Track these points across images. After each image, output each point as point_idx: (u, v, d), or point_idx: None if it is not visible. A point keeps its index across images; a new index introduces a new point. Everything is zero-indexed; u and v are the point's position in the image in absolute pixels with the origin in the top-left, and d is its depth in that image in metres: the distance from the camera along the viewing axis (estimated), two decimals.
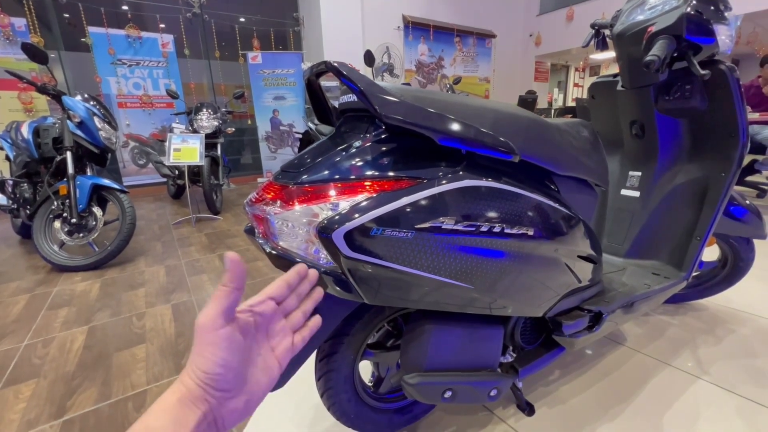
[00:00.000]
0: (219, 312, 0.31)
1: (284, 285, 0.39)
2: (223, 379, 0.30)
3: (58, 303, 1.79)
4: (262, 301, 0.37)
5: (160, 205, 4.16)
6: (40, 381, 1.23)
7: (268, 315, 0.37)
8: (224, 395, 0.31)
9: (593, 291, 0.94)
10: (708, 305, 1.56)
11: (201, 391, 0.29)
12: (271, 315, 0.37)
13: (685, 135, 1.18)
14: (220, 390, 0.30)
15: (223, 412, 0.31)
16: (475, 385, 0.77)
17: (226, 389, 0.31)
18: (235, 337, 0.32)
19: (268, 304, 0.37)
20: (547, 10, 7.44)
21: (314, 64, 0.68)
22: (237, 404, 0.31)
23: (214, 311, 0.31)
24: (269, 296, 0.38)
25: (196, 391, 0.29)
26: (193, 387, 0.30)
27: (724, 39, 0.98)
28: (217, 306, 0.31)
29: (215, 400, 0.30)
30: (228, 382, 0.31)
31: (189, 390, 0.29)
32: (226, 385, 0.31)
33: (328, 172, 0.60)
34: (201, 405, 0.29)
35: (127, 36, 4.45)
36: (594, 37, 1.30)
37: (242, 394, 0.32)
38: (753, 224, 1.25)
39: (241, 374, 0.32)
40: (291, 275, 0.40)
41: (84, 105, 2.30)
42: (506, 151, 0.63)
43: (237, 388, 0.31)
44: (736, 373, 1.15)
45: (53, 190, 2.18)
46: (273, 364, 0.36)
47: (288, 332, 0.39)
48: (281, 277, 0.40)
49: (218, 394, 0.30)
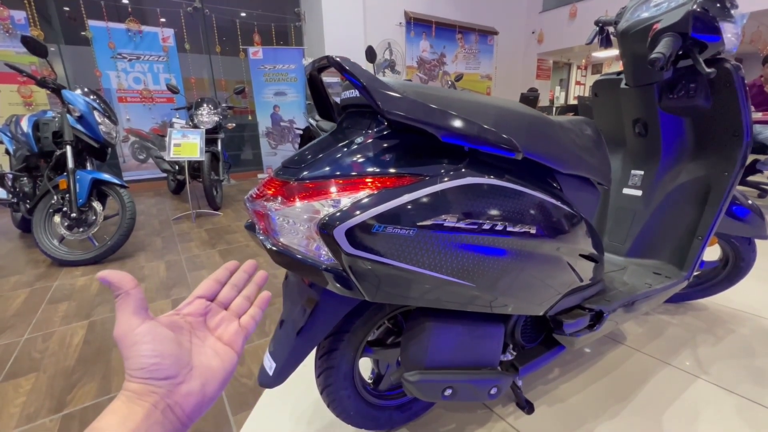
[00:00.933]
0: (128, 316, 0.32)
1: (212, 283, 0.41)
2: (161, 367, 0.31)
3: (58, 297, 1.79)
4: (190, 302, 0.39)
5: (160, 200, 4.15)
6: (39, 375, 1.23)
7: (201, 311, 0.38)
8: (170, 382, 0.31)
9: (594, 290, 0.94)
10: (708, 305, 1.56)
11: (144, 387, 0.30)
12: (204, 311, 0.39)
13: (689, 134, 1.18)
14: (162, 378, 0.30)
15: (177, 397, 0.31)
16: (476, 383, 0.77)
17: (170, 376, 0.31)
18: (158, 329, 0.32)
19: (197, 303, 0.39)
20: (550, 8, 7.39)
21: (316, 59, 0.67)
22: (191, 387, 0.32)
23: (123, 317, 0.32)
24: (197, 296, 0.39)
25: (138, 389, 0.30)
26: (135, 387, 0.30)
27: (730, 37, 0.97)
28: (123, 312, 0.32)
29: (162, 389, 0.30)
30: (167, 368, 0.31)
31: (132, 390, 0.30)
32: (167, 371, 0.31)
33: (329, 168, 0.59)
34: (147, 398, 0.29)
35: (127, 30, 4.43)
36: (598, 34, 1.29)
37: (193, 378, 0.32)
38: (755, 224, 1.24)
39: (182, 359, 0.32)
40: (219, 272, 0.42)
41: (84, 99, 2.29)
42: (509, 148, 0.62)
43: (182, 372, 0.32)
44: (736, 372, 1.15)
45: (53, 185, 2.18)
46: (223, 349, 0.37)
47: (232, 319, 0.40)
48: (210, 276, 0.41)
49: (163, 383, 0.30)
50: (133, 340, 0.31)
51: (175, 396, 0.31)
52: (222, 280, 0.42)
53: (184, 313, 0.37)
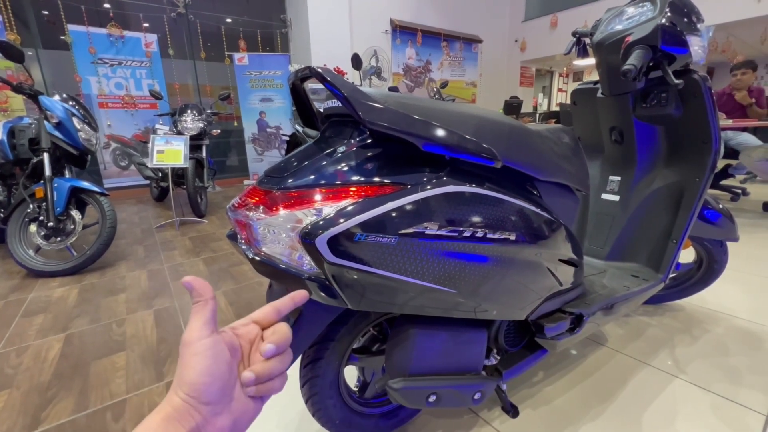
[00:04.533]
0: (201, 324, 0.32)
1: (272, 311, 0.38)
2: (209, 389, 0.30)
3: (34, 310, 1.73)
4: (245, 324, 0.37)
5: (142, 207, 4.06)
6: (12, 392, 1.18)
7: (252, 338, 0.36)
8: (210, 409, 0.30)
9: (575, 293, 0.96)
10: (685, 306, 1.61)
11: (186, 407, 0.29)
12: (255, 338, 0.36)
13: (662, 141, 1.22)
14: (205, 403, 0.30)
15: (210, 429, 0.30)
16: (459, 388, 0.78)
17: (212, 402, 0.30)
18: (219, 346, 0.32)
19: (252, 328, 0.36)
20: (532, 17, 7.60)
21: (298, 68, 0.68)
22: (223, 422, 0.31)
23: (196, 324, 0.32)
24: (253, 320, 0.37)
25: (181, 407, 0.29)
26: (178, 403, 0.29)
27: (696, 49, 1.02)
28: (198, 319, 0.32)
29: (201, 415, 0.30)
30: (213, 393, 0.30)
31: (174, 408, 0.29)
32: (212, 396, 0.30)
33: (312, 177, 0.60)
34: (186, 422, 0.29)
35: (108, 35, 4.35)
36: (575, 45, 1.34)
37: (229, 413, 0.32)
38: (726, 227, 1.29)
39: (227, 388, 0.32)
40: (285, 301, 0.38)
41: (62, 105, 2.23)
42: (489, 157, 0.64)
43: (223, 403, 0.31)
44: (711, 371, 1.19)
45: (29, 193, 2.11)
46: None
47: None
48: (271, 303, 0.38)
49: (204, 408, 0.30)
50: (196, 350, 0.31)
51: (209, 427, 0.30)
52: (283, 310, 0.38)
53: (239, 333, 0.35)
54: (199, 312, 0.32)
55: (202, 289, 0.33)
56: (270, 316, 0.38)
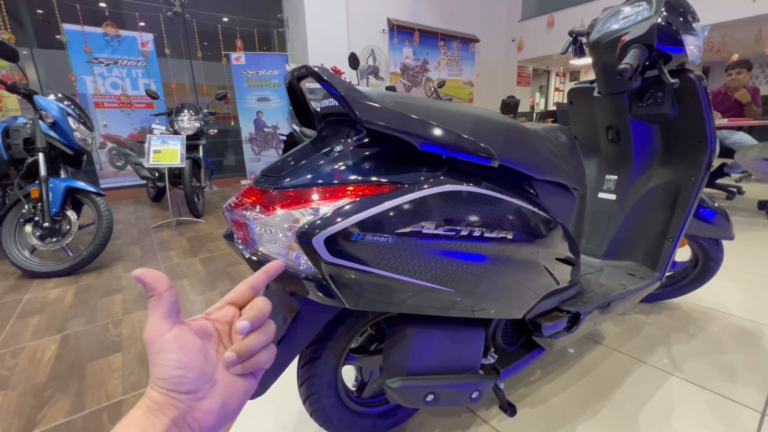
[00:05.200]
0: (159, 320, 0.31)
1: (246, 288, 0.37)
2: (184, 380, 0.30)
3: (29, 311, 1.72)
4: (220, 308, 0.36)
5: (139, 207, 4.04)
6: (8, 393, 1.17)
7: (230, 319, 0.36)
8: (192, 397, 0.30)
9: (572, 292, 0.96)
10: (681, 304, 1.62)
11: (166, 399, 0.29)
12: (233, 319, 0.36)
13: (658, 140, 1.23)
14: (185, 392, 0.30)
15: (196, 414, 0.30)
16: (457, 387, 0.78)
17: (192, 390, 0.30)
18: (186, 337, 0.31)
19: (227, 309, 0.36)
20: (529, 16, 7.62)
21: (295, 68, 0.67)
22: (210, 405, 0.31)
23: (154, 321, 0.31)
24: (228, 301, 0.37)
25: (160, 399, 0.29)
26: (157, 397, 0.29)
27: (692, 49, 1.02)
28: (156, 314, 0.31)
29: (183, 403, 0.29)
30: (191, 382, 0.30)
31: (154, 401, 0.29)
32: (190, 386, 0.30)
33: (309, 176, 0.60)
34: (168, 412, 0.29)
35: (104, 34, 4.33)
36: (572, 44, 1.34)
37: (214, 395, 0.31)
38: (721, 226, 1.30)
39: (206, 374, 0.31)
40: (258, 276, 0.38)
41: (57, 105, 2.22)
42: (486, 156, 0.64)
43: (205, 388, 0.31)
44: (707, 369, 1.19)
45: (24, 193, 2.09)
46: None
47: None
48: (244, 280, 0.38)
49: (184, 397, 0.30)
50: (161, 347, 0.30)
51: (195, 413, 0.30)
52: (257, 287, 0.37)
53: (213, 318, 0.35)
54: (155, 307, 0.31)
55: (155, 282, 0.31)
56: (245, 294, 0.37)
